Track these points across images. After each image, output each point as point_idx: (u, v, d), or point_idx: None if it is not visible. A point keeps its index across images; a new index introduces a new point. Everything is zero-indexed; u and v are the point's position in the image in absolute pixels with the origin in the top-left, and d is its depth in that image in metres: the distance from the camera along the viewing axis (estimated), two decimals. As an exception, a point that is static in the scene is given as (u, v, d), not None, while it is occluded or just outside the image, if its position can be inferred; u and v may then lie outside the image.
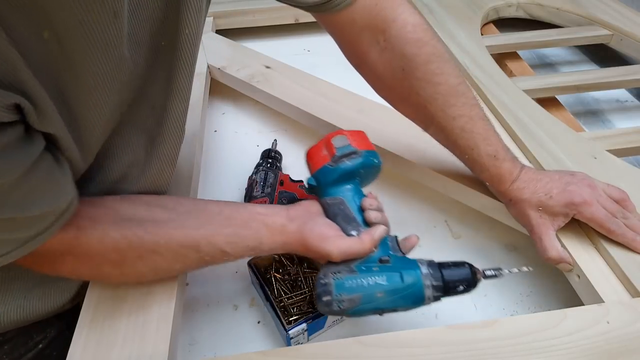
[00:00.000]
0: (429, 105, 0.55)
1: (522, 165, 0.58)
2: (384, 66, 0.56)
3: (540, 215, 0.55)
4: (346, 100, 0.82)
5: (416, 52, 0.54)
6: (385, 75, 0.57)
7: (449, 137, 0.57)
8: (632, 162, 0.80)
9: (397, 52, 0.54)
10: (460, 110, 0.55)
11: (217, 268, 0.66)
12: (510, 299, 0.62)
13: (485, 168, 0.57)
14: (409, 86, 0.55)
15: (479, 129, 0.55)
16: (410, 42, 0.54)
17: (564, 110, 0.87)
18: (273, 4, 1.12)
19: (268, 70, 0.91)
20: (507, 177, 0.56)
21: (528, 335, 0.47)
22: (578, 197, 0.54)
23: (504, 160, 0.56)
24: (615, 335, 0.46)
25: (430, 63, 0.54)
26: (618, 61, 1.04)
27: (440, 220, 0.73)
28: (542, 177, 0.56)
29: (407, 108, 0.60)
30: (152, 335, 0.49)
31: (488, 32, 1.07)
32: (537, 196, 0.55)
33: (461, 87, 0.55)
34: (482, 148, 0.56)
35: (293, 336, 0.54)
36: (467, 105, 0.55)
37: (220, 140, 0.89)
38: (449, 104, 0.55)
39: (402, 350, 0.46)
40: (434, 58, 0.54)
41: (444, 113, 0.55)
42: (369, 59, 0.57)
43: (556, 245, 0.55)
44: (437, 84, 0.54)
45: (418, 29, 0.54)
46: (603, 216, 0.54)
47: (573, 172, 0.58)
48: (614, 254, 0.54)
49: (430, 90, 0.55)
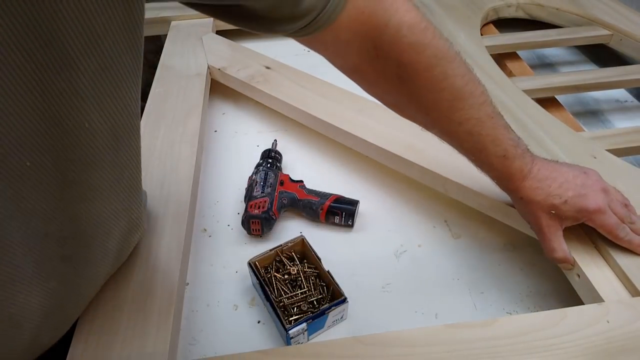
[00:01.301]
0: (431, 112, 0.51)
1: (533, 159, 0.54)
2: (377, 74, 0.50)
3: (550, 217, 0.54)
4: (346, 100, 0.82)
5: (415, 59, 0.47)
6: (379, 82, 0.51)
7: (453, 140, 0.54)
8: (632, 161, 0.80)
9: (392, 61, 0.47)
10: (467, 113, 0.50)
11: (217, 268, 0.66)
12: (510, 298, 0.62)
13: (494, 168, 0.54)
14: (407, 93, 0.50)
15: (487, 129, 0.51)
16: (407, 49, 0.46)
17: (563, 110, 0.87)
18: (273, 4, 1.13)
19: (268, 70, 0.91)
20: (517, 175, 0.54)
21: (528, 335, 0.47)
22: (593, 204, 0.53)
23: (514, 158, 0.52)
24: (615, 334, 0.47)
25: (432, 69, 0.47)
26: (617, 61, 1.04)
27: (440, 220, 0.73)
28: (557, 177, 0.54)
29: (404, 111, 0.55)
30: (152, 335, 0.49)
31: (488, 32, 1.07)
32: (550, 199, 0.53)
33: (468, 87, 0.49)
34: (490, 150, 0.52)
35: (293, 336, 0.54)
36: (474, 106, 0.50)
37: (220, 140, 0.89)
38: (455, 109, 0.50)
39: (402, 349, 0.46)
40: (435, 61, 0.47)
41: (449, 119, 0.50)
42: (359, 68, 0.50)
43: (564, 247, 0.55)
44: (441, 90, 0.48)
45: (415, 30, 0.46)
46: (614, 224, 0.53)
47: (587, 171, 0.56)
48: (614, 254, 0.54)
49: (433, 97, 0.49)
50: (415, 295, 0.62)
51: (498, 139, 0.52)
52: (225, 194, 0.77)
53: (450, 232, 0.71)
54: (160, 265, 0.56)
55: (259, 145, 0.86)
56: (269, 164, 0.75)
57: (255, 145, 0.86)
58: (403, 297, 0.62)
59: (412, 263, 0.66)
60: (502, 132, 0.52)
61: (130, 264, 0.56)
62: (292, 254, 0.63)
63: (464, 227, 0.71)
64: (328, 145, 0.84)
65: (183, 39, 1.03)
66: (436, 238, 0.70)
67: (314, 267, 0.62)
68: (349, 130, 0.75)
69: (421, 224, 0.72)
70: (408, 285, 0.64)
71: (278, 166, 0.77)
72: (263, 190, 0.70)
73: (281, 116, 0.88)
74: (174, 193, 0.65)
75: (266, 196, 0.69)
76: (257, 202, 0.68)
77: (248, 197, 0.70)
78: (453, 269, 0.66)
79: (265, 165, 0.75)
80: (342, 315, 0.58)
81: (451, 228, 0.72)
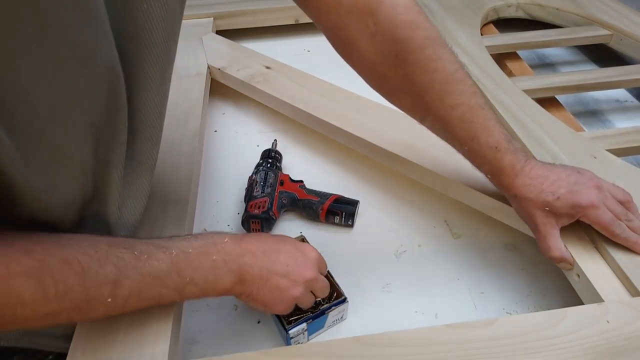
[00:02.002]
0: (425, 94, 0.52)
1: (526, 158, 0.55)
2: (375, 53, 0.52)
3: (545, 215, 0.54)
4: (346, 100, 0.82)
5: (409, 36, 0.50)
6: (377, 63, 0.53)
7: (447, 127, 0.54)
8: (632, 161, 0.80)
9: (389, 36, 0.50)
10: (458, 98, 0.52)
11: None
12: (510, 298, 0.62)
13: (486, 160, 0.55)
14: (403, 74, 0.52)
15: (479, 118, 0.53)
16: (402, 25, 0.50)
17: (563, 110, 0.87)
18: (273, 4, 1.13)
19: (268, 70, 0.91)
20: (509, 170, 0.54)
21: (528, 335, 0.47)
22: (585, 200, 0.53)
23: (506, 152, 0.54)
24: (615, 334, 0.47)
25: (425, 48, 0.50)
26: (618, 61, 1.04)
27: (440, 220, 0.73)
28: (549, 175, 0.55)
29: (401, 99, 0.57)
30: (153, 335, 0.49)
31: (488, 32, 1.07)
32: (543, 196, 0.53)
33: (459, 73, 0.52)
34: (482, 139, 0.53)
35: (293, 336, 0.54)
36: (466, 93, 0.52)
37: (220, 140, 0.89)
38: (447, 92, 0.52)
39: (402, 349, 0.46)
40: (429, 42, 0.50)
41: (442, 102, 0.52)
42: (358, 46, 0.52)
43: (560, 245, 0.55)
44: (434, 71, 0.51)
45: (410, 11, 0.50)
46: (608, 220, 0.53)
47: (580, 170, 0.57)
48: (613, 253, 0.54)
49: (426, 77, 0.51)
50: (415, 295, 0.62)
51: (489, 129, 0.53)
52: (225, 194, 0.77)
53: (450, 232, 0.71)
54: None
55: (259, 145, 0.86)
56: (269, 164, 0.75)
57: (255, 145, 0.86)
58: (403, 297, 0.62)
59: (412, 263, 0.66)
60: (493, 124, 0.54)
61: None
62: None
63: (464, 227, 0.71)
64: (328, 145, 0.84)
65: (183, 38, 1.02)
66: (436, 238, 0.70)
67: (314, 267, 0.62)
68: (349, 130, 0.75)
69: (421, 224, 0.72)
70: (408, 285, 0.64)
71: (278, 166, 0.77)
72: (263, 190, 0.70)
73: (281, 116, 0.88)
74: (174, 193, 0.65)
75: (266, 196, 0.69)
76: (257, 202, 0.68)
77: (248, 197, 0.70)
78: (453, 269, 0.66)
79: (265, 165, 0.75)
80: (342, 315, 0.58)
81: (451, 228, 0.72)
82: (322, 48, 1.07)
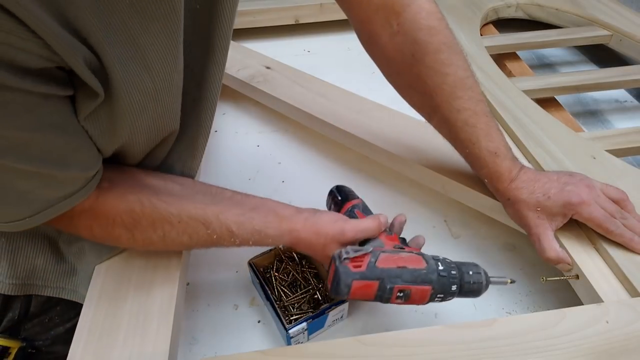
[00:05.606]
0: (435, 95, 0.55)
1: (521, 165, 0.58)
2: (395, 50, 0.56)
3: (538, 216, 0.55)
4: (346, 100, 0.82)
5: (428, 40, 0.54)
6: (395, 59, 0.57)
7: (451, 129, 0.57)
8: (632, 162, 0.80)
9: (409, 38, 0.54)
10: (465, 103, 0.55)
11: (218, 267, 0.66)
12: (509, 298, 0.62)
13: (485, 164, 0.57)
14: (417, 73, 0.55)
15: (482, 124, 0.56)
16: (424, 29, 0.54)
17: (563, 111, 0.87)
18: (273, 4, 1.14)
19: (268, 70, 0.91)
20: (506, 175, 0.56)
21: (527, 335, 0.47)
22: (576, 197, 0.54)
23: (504, 158, 0.56)
24: (614, 335, 0.47)
25: (441, 52, 0.54)
26: (617, 61, 1.04)
27: (439, 220, 0.73)
28: (540, 178, 0.57)
29: (413, 96, 0.60)
30: (153, 335, 0.49)
31: (487, 32, 1.07)
32: (534, 196, 0.55)
33: (469, 80, 0.55)
34: (483, 144, 0.56)
35: (293, 335, 0.54)
36: (473, 99, 0.55)
37: (220, 140, 0.89)
38: (455, 96, 0.55)
39: (402, 349, 0.46)
40: (444, 47, 0.54)
41: (449, 105, 0.55)
42: (380, 40, 0.57)
43: (554, 245, 0.55)
44: (446, 75, 0.54)
45: (432, 17, 0.54)
46: (601, 216, 0.54)
47: (572, 173, 0.58)
48: (613, 254, 0.54)
49: (438, 79, 0.55)
50: (415, 295, 0.62)
51: (491, 135, 0.56)
52: (225, 194, 0.77)
53: (450, 232, 0.71)
54: (161, 265, 0.56)
55: (259, 145, 0.86)
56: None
57: (256, 146, 0.86)
58: (403, 297, 0.62)
59: (411, 263, 0.66)
60: (495, 131, 0.57)
61: (131, 264, 0.56)
62: (292, 254, 0.63)
63: (464, 227, 0.72)
64: (328, 145, 0.84)
65: (183, 38, 1.03)
66: (436, 238, 0.70)
67: (314, 267, 0.62)
68: (348, 130, 0.75)
69: (421, 224, 0.72)
70: (408, 285, 0.64)
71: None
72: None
73: (281, 116, 0.88)
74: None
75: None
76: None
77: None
78: (453, 269, 0.66)
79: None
80: (342, 315, 0.59)
81: (451, 228, 0.72)
82: (322, 48, 1.08)
